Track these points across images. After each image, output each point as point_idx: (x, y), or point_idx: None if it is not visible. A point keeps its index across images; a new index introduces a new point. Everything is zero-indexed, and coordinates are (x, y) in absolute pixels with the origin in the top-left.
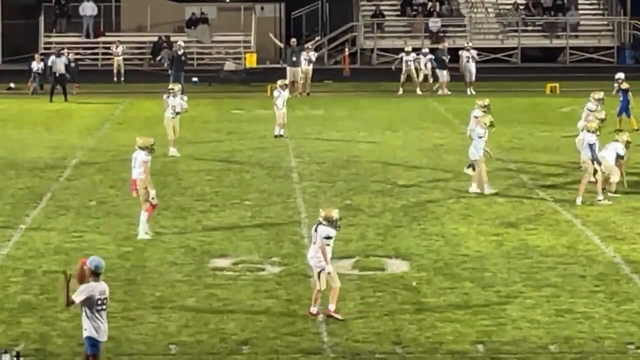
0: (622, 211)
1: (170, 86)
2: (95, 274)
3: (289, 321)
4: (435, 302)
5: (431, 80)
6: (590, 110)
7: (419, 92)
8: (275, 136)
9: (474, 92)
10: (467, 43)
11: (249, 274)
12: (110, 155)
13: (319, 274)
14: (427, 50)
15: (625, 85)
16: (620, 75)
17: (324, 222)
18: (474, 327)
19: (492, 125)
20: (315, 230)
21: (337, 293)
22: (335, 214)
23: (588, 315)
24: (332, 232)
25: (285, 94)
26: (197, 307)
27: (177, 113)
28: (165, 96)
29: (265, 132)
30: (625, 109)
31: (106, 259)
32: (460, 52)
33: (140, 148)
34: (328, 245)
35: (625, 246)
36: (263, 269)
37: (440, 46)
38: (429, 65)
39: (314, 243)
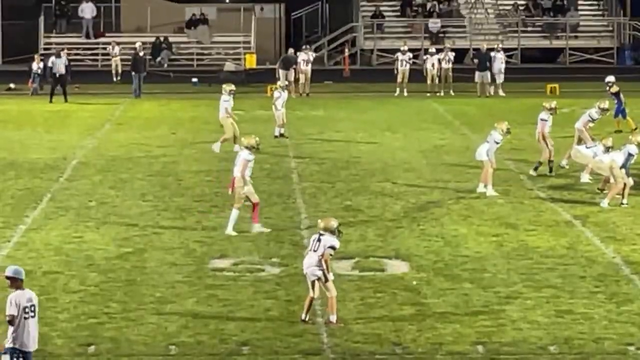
0: (622, 212)
1: (232, 87)
2: (15, 280)
3: (289, 322)
4: (435, 303)
5: (436, 80)
6: (592, 118)
7: (405, 93)
8: (275, 137)
9: (502, 93)
10: (497, 45)
11: (249, 275)
12: (110, 155)
13: (312, 282)
14: (434, 50)
15: (615, 89)
16: (611, 78)
17: (327, 233)
18: (474, 328)
19: (508, 132)
20: (319, 240)
21: (335, 302)
22: (335, 222)
23: (588, 316)
24: (337, 243)
25: (285, 95)
26: (197, 308)
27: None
28: (224, 97)
29: (265, 133)
30: (620, 110)
31: (106, 259)
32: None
33: (245, 147)
34: (330, 255)
35: (625, 247)
36: (263, 270)
37: (481, 47)
38: (436, 65)
39: (314, 251)
